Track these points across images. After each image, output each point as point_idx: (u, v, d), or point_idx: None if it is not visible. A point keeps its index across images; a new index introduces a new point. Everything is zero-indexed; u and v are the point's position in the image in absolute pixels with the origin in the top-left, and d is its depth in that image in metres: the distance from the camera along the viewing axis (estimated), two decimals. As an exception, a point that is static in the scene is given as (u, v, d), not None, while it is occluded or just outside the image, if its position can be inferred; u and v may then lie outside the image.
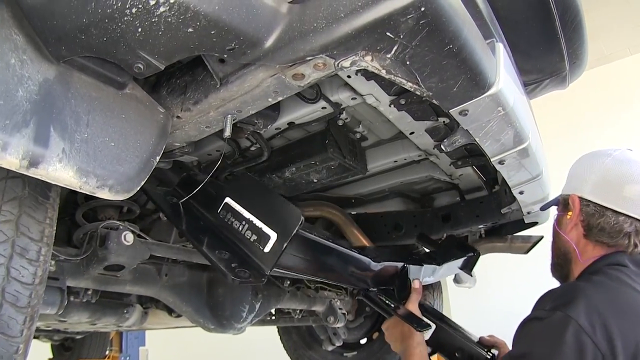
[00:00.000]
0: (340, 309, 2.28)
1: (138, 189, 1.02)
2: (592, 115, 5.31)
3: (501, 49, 1.21)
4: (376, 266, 1.70)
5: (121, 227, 1.47)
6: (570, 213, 1.50)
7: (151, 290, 1.63)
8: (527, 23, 1.55)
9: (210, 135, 1.63)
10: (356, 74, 1.39)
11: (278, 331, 2.96)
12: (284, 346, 2.96)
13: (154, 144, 1.04)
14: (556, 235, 1.58)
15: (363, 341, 2.76)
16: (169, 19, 0.88)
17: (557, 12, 1.50)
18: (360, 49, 0.95)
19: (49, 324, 1.77)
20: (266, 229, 1.19)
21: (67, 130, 0.92)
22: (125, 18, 0.88)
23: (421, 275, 1.90)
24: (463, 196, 2.18)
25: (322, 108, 1.58)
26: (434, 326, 1.67)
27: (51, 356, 3.09)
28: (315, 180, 1.88)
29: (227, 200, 1.27)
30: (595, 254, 1.45)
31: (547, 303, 1.31)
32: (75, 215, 1.59)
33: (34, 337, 2.49)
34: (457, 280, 2.43)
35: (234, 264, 1.18)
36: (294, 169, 1.78)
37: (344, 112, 1.67)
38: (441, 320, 1.72)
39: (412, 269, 1.83)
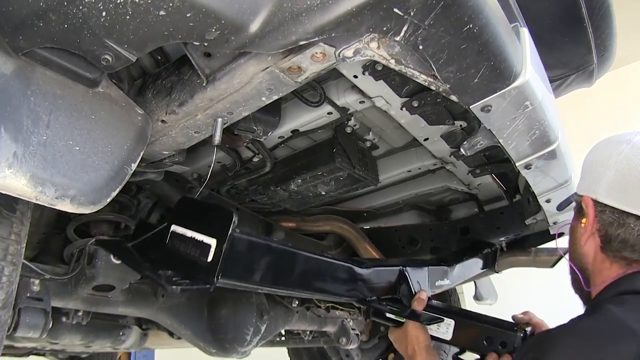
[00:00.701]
0: (353, 329, 2.08)
1: (108, 200, 0.85)
2: (609, 119, 5.02)
3: (526, 34, 1.03)
4: (365, 273, 1.47)
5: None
6: (584, 220, 1.17)
7: (147, 311, 1.46)
8: (551, 11, 1.35)
9: (209, 146, 1.50)
10: (363, 73, 1.22)
11: (288, 352, 2.76)
12: (294, 368, 2.76)
13: (129, 149, 0.88)
14: (570, 247, 1.25)
15: (378, 363, 2.54)
16: (137, 0, 0.72)
17: (583, -3, 1.31)
18: (364, 30, 0.77)
19: (42, 346, 1.61)
20: (206, 240, 1.09)
21: (22, 131, 0.76)
22: (86, 0, 0.73)
23: (427, 279, 1.67)
24: (482, 207, 1.98)
25: (328, 113, 1.41)
26: (451, 321, 1.45)
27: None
28: (323, 193, 1.70)
29: (173, 228, 1.18)
30: (611, 274, 1.12)
31: (520, 356, 1.08)
32: (67, 230, 1.44)
33: (40, 355, 2.35)
34: (477, 297, 2.22)
35: (176, 278, 1.09)
36: (299, 180, 1.61)
37: (352, 118, 1.50)
38: (459, 314, 1.48)
39: (414, 271, 1.60)
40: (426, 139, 1.53)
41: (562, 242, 1.84)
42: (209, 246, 1.07)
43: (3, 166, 0.73)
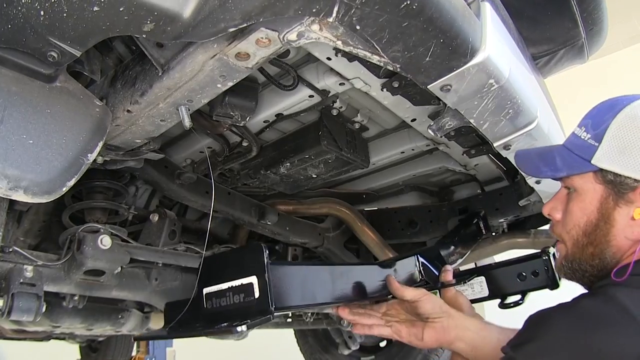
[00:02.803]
0: (355, 311, 2.10)
1: (65, 190, 0.90)
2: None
3: (488, 9, 1.00)
4: (390, 269, 1.50)
5: (101, 231, 1.37)
6: (638, 210, 1.01)
7: (140, 295, 1.53)
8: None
9: (199, 133, 1.54)
10: (336, 55, 1.22)
11: (295, 334, 2.82)
12: (300, 349, 2.81)
13: (85, 140, 0.92)
14: (600, 235, 1.06)
15: (383, 344, 2.56)
16: (70, -2, 0.76)
17: (564, -34, 1.25)
18: (293, 13, 0.78)
19: (50, 330, 1.72)
20: (245, 281, 1.13)
21: (-25, 128, 0.81)
22: (24, 1, 0.76)
23: (442, 257, 1.70)
24: (483, 188, 1.94)
25: (310, 96, 1.42)
26: (482, 278, 1.53)
27: (79, 357, 3.11)
28: (314, 176, 1.72)
29: (204, 291, 1.23)
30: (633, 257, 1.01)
31: (517, 335, 1.04)
32: (62, 217, 1.52)
33: (60, 339, 2.50)
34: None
35: (235, 322, 1.12)
36: (288, 164, 1.63)
37: (337, 100, 1.49)
38: (485, 268, 1.56)
39: (428, 254, 1.63)
40: (413, 120, 1.52)
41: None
42: (251, 284, 1.10)
43: (-45, 161, 0.78)
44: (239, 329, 1.09)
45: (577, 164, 1.07)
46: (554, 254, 1.45)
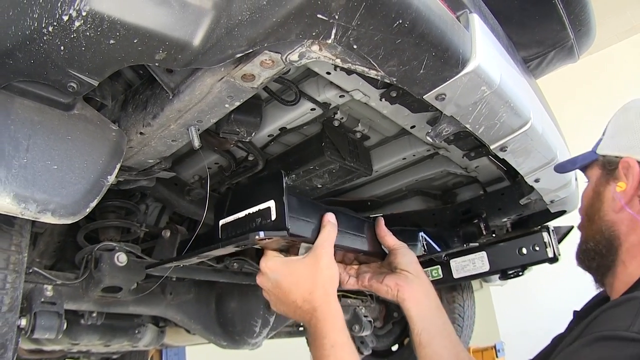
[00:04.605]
0: (365, 316, 2.17)
1: (88, 210, 0.97)
2: (624, 88, 4.90)
3: (476, 20, 1.07)
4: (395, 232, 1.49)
5: (116, 249, 1.44)
6: (621, 184, 1.10)
7: (156, 309, 1.60)
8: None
9: (207, 150, 1.62)
10: (335, 69, 1.30)
11: (307, 342, 2.86)
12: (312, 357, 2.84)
13: (104, 163, 1.00)
14: (593, 214, 1.17)
15: (394, 348, 2.61)
16: (88, 33, 0.83)
17: (549, -28, 1.32)
18: (294, 37, 0.85)
19: (68, 348, 1.78)
20: (262, 206, 1.14)
21: (4, 157, 0.89)
22: (45, 37, 0.84)
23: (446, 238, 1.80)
24: (485, 189, 2.01)
25: (312, 109, 1.49)
26: (482, 253, 1.56)
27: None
28: (319, 186, 1.79)
29: (220, 222, 1.23)
30: None
31: (629, 319, 0.90)
32: (77, 237, 1.59)
33: (75, 359, 2.57)
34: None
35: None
36: (294, 176, 1.70)
37: (338, 111, 1.57)
38: (485, 245, 1.61)
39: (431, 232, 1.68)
40: (413, 127, 1.58)
41: (563, 220, 1.86)
42: (268, 208, 1.12)
43: (-12, 189, 0.86)
44: (257, 236, 1.08)
45: (587, 157, 1.24)
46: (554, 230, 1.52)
